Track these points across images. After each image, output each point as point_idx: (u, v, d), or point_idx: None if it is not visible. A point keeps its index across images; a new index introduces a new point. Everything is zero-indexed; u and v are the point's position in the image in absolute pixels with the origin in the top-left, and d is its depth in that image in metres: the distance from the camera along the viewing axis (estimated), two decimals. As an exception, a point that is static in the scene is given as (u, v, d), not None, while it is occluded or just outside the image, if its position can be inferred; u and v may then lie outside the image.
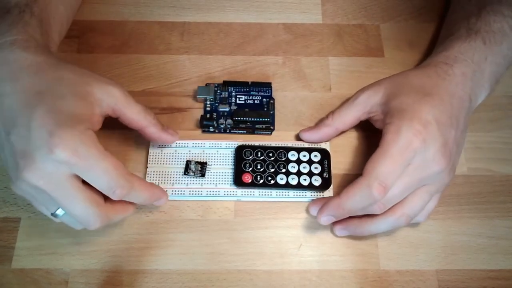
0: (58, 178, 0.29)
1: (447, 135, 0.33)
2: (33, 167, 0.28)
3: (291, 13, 0.46)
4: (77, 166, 0.29)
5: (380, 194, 0.31)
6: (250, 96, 0.41)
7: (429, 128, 0.32)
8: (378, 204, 0.32)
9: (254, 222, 0.37)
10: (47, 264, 0.35)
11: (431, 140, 0.32)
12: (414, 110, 0.33)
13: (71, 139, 0.28)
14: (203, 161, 0.38)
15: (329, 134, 0.38)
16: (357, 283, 0.35)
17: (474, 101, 0.37)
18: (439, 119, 0.33)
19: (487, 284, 0.35)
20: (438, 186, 0.34)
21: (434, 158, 0.32)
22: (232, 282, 0.35)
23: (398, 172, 0.31)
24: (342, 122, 0.38)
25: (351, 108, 0.37)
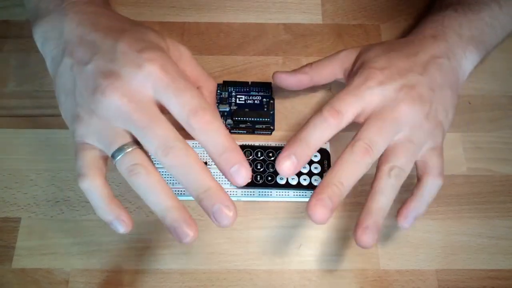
0: (142, 97, 0.27)
1: (412, 79, 0.32)
2: (118, 84, 0.27)
3: (291, 13, 0.46)
4: (164, 82, 0.27)
5: (331, 115, 0.30)
6: (250, 96, 0.41)
7: (385, 71, 0.32)
8: (361, 144, 0.29)
9: (254, 222, 0.37)
10: (47, 264, 0.35)
11: (389, 80, 0.32)
12: (376, 59, 0.33)
13: (159, 56, 0.28)
14: (203, 161, 0.38)
15: (302, 82, 0.38)
16: (357, 283, 0.35)
17: (455, 61, 0.35)
18: (401, 66, 0.33)
19: (487, 284, 0.35)
20: (418, 134, 0.31)
21: (397, 97, 0.31)
22: (232, 282, 0.35)
23: (352, 102, 0.31)
24: (318, 74, 0.38)
25: (330, 62, 0.38)
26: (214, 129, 0.27)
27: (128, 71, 0.27)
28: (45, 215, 0.37)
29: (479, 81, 0.43)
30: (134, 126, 0.27)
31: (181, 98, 0.27)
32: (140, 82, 0.27)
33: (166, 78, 0.27)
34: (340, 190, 0.29)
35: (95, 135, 0.28)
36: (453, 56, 0.35)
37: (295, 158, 0.29)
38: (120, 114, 0.27)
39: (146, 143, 0.27)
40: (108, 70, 0.28)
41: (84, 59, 0.29)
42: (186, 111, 0.27)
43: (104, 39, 0.29)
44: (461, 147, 0.40)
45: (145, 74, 0.27)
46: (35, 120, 0.40)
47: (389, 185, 0.30)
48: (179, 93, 0.27)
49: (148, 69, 0.27)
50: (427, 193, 0.32)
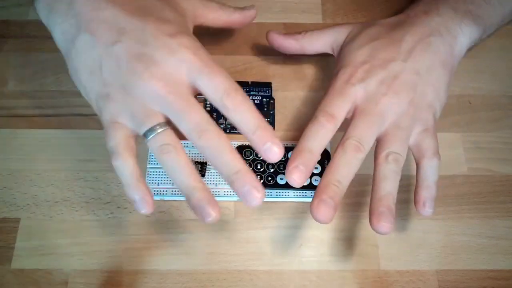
0: (177, 81, 0.29)
1: (395, 69, 0.33)
2: (155, 68, 0.28)
3: (291, 13, 0.46)
4: (198, 66, 0.29)
5: (326, 119, 0.31)
6: (250, 96, 0.41)
7: (365, 66, 0.33)
8: (351, 142, 0.30)
9: (254, 222, 0.37)
10: (47, 265, 0.35)
11: (371, 74, 0.32)
12: (356, 55, 0.34)
13: (190, 42, 0.29)
14: (203, 161, 0.38)
15: (293, 47, 0.39)
16: (357, 283, 0.35)
17: (450, 36, 0.35)
18: (380, 57, 0.33)
19: (487, 284, 0.35)
20: (405, 120, 0.32)
21: (380, 90, 0.32)
22: (232, 282, 0.35)
23: (340, 102, 0.32)
24: (309, 44, 0.38)
25: (322, 35, 0.38)
26: (246, 108, 0.28)
27: (163, 56, 0.28)
28: (45, 215, 0.37)
29: (479, 81, 0.43)
30: (170, 109, 0.28)
31: (215, 81, 0.29)
32: (175, 67, 0.29)
33: (199, 63, 0.29)
34: (339, 189, 0.30)
35: (127, 114, 0.29)
36: (446, 31, 0.35)
37: (302, 167, 0.30)
38: (157, 98, 0.28)
39: (181, 125, 0.28)
40: (141, 53, 0.28)
41: (109, 38, 0.29)
42: (220, 93, 0.28)
43: (127, 17, 0.29)
44: (461, 147, 0.40)
45: (180, 59, 0.29)
46: (34, 120, 0.40)
47: (389, 170, 0.31)
48: (212, 77, 0.29)
49: (182, 55, 0.29)
50: (429, 175, 0.32)
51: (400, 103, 0.32)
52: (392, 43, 0.34)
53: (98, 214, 0.37)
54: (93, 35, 0.29)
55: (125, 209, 0.37)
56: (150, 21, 0.30)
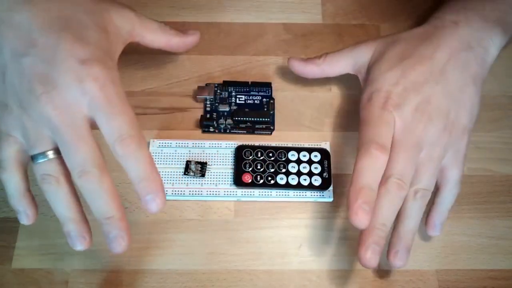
0: (75, 113, 0.27)
1: (428, 92, 0.32)
2: (54, 93, 0.26)
3: (291, 13, 0.46)
4: (100, 102, 0.27)
5: (379, 150, 0.30)
6: (250, 96, 0.41)
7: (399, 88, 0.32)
8: (394, 181, 0.30)
9: (254, 222, 0.37)
10: (47, 264, 0.35)
11: (405, 101, 0.32)
12: (386, 79, 0.33)
13: (101, 73, 0.27)
14: (203, 161, 0.38)
15: (314, 72, 0.39)
16: (357, 283, 0.35)
17: (480, 48, 0.34)
18: (413, 79, 0.32)
19: (487, 284, 0.35)
20: (438, 149, 0.32)
21: (414, 118, 0.32)
22: (232, 282, 0.35)
23: (385, 131, 0.31)
24: (331, 67, 0.38)
25: (343, 57, 0.38)
26: (136, 157, 0.27)
27: (67, 83, 0.26)
28: (45, 215, 0.36)
29: (479, 81, 0.42)
30: (60, 139, 0.27)
31: (112, 123, 0.27)
32: (76, 98, 0.27)
33: (103, 100, 0.27)
34: (384, 232, 0.30)
35: (21, 131, 0.28)
36: (477, 43, 0.34)
37: (366, 207, 0.29)
38: (50, 124, 0.27)
39: (66, 158, 0.27)
40: (46, 74, 0.27)
41: (18, 48, 0.27)
42: (114, 136, 0.27)
43: (42, 28, 0.27)
44: (461, 147, 0.40)
45: (83, 91, 0.27)
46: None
47: (415, 208, 0.32)
48: (112, 117, 0.27)
49: (88, 87, 0.27)
50: (447, 201, 0.34)
51: (435, 131, 0.32)
52: (422, 61, 0.33)
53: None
54: (1, 38, 0.27)
55: (125, 209, 0.37)
56: (65, 39, 0.27)
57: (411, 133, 0.31)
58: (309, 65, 0.38)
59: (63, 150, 0.27)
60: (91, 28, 0.29)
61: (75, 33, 0.28)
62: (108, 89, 0.27)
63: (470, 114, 0.34)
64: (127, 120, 0.27)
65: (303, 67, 0.39)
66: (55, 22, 0.28)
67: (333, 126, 0.41)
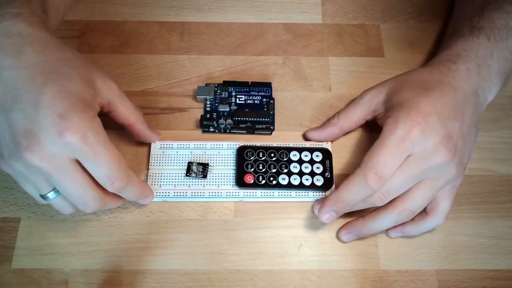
0: (61, 160, 0.28)
1: (450, 128, 0.32)
2: (37, 148, 0.28)
3: (291, 13, 0.46)
4: (83, 152, 0.28)
5: (376, 183, 0.31)
6: (250, 96, 0.41)
7: (429, 119, 0.32)
8: (379, 194, 0.32)
9: (254, 222, 0.37)
10: (47, 264, 0.35)
11: (431, 131, 0.32)
12: (413, 103, 0.33)
13: (81, 124, 0.28)
14: (205, 162, 0.38)
15: (334, 133, 0.39)
16: (357, 283, 0.35)
17: (483, 96, 0.36)
18: (440, 111, 0.32)
19: (487, 284, 0.35)
20: (443, 181, 0.33)
21: (436, 150, 0.32)
22: (232, 282, 0.35)
23: (395, 162, 0.31)
24: (348, 121, 0.38)
25: (356, 108, 0.38)
26: (128, 189, 0.32)
27: (49, 136, 0.28)
28: (45, 215, 0.37)
29: (479, 81, 0.43)
30: (56, 183, 0.30)
31: (100, 170, 0.30)
32: (59, 150, 0.28)
33: (86, 151, 0.28)
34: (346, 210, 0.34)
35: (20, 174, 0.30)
36: (482, 91, 0.36)
37: (335, 214, 0.34)
38: (38, 173, 0.29)
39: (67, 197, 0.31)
40: (28, 129, 0.28)
41: (5, 104, 0.29)
42: (104, 180, 0.30)
43: (26, 85, 0.28)
44: (461, 147, 0.40)
45: (65, 144, 0.28)
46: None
47: (392, 220, 0.34)
48: (98, 165, 0.29)
49: (68, 139, 0.28)
50: (426, 227, 0.35)
51: (447, 166, 0.32)
52: (446, 97, 0.34)
53: (98, 214, 0.37)
54: None
55: (125, 209, 0.37)
56: (46, 94, 0.28)
57: (426, 160, 0.32)
58: (327, 129, 0.39)
59: (61, 191, 0.30)
60: (75, 80, 0.30)
61: (56, 86, 0.29)
62: (89, 139, 0.28)
63: (470, 154, 0.35)
64: (112, 165, 0.30)
65: (322, 134, 0.39)
66: (39, 77, 0.29)
67: (333, 126, 0.40)
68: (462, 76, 0.35)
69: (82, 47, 0.43)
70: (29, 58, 0.29)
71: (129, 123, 0.35)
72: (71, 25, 0.44)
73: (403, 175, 0.32)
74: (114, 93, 0.33)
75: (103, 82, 0.32)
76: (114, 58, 0.43)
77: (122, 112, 0.34)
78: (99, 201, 0.31)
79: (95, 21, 0.44)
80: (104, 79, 0.32)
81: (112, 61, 0.43)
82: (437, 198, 0.34)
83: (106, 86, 0.32)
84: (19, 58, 0.29)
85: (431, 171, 0.32)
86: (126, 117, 0.35)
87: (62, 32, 0.43)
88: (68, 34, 0.43)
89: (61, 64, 0.30)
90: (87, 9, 0.45)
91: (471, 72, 0.35)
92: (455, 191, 0.35)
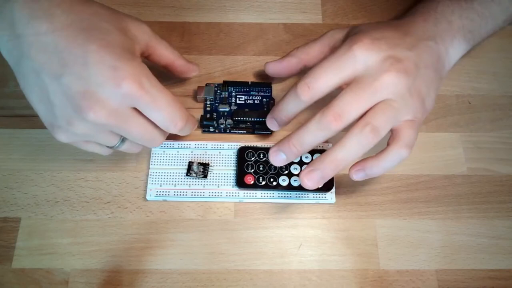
0: (124, 111, 0.29)
1: (399, 52, 0.32)
2: (100, 106, 0.28)
3: (291, 13, 0.46)
4: (143, 99, 0.29)
5: (303, 91, 0.31)
6: (250, 96, 0.41)
7: (376, 42, 0.32)
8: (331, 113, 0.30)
9: (254, 222, 0.37)
10: (47, 264, 0.35)
11: (377, 50, 0.31)
12: (366, 30, 0.33)
13: (135, 72, 0.28)
14: (206, 162, 0.38)
15: (292, 64, 0.38)
16: (357, 283, 0.35)
17: (443, 46, 0.35)
18: (390, 37, 0.32)
19: (487, 284, 0.35)
20: (401, 104, 0.31)
21: (382, 67, 0.31)
22: (232, 282, 0.35)
23: (330, 73, 0.31)
24: (307, 54, 0.38)
25: (316, 42, 0.38)
26: (188, 128, 0.33)
27: (107, 91, 0.28)
28: (45, 215, 0.37)
29: (479, 81, 0.43)
30: (123, 133, 0.31)
31: (162, 114, 0.30)
32: (120, 100, 0.29)
33: (145, 97, 0.29)
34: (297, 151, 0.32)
35: (84, 137, 0.31)
36: (441, 41, 0.35)
37: (275, 122, 0.35)
38: (104, 129, 0.30)
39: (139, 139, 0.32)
40: (84, 91, 0.28)
41: (52, 69, 0.28)
42: (167, 123, 0.31)
43: (68, 46, 0.28)
44: (461, 147, 0.40)
45: (125, 94, 0.28)
46: (35, 120, 0.40)
47: (356, 141, 0.30)
48: (159, 110, 0.30)
49: (127, 89, 0.28)
50: (389, 159, 0.32)
51: (400, 86, 0.31)
52: (397, 32, 0.34)
53: (98, 214, 0.37)
54: (35, 62, 0.28)
55: (125, 209, 0.37)
56: (92, 51, 0.28)
57: (373, 79, 0.31)
58: (286, 58, 0.39)
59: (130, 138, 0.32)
60: (113, 32, 0.30)
61: (99, 41, 0.29)
62: (146, 85, 0.29)
63: (428, 93, 0.33)
64: (172, 107, 0.31)
65: (280, 65, 0.39)
66: (79, 36, 0.28)
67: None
68: (419, 25, 0.35)
69: (82, 47, 0.43)
70: (62, 20, 0.29)
71: (170, 61, 0.36)
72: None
73: (353, 92, 0.30)
74: (150, 36, 0.34)
75: (137, 27, 0.32)
76: (114, 58, 0.43)
77: (161, 52, 0.35)
78: (163, 134, 0.33)
79: (95, 21, 0.44)
80: (136, 25, 0.33)
81: (112, 61, 0.43)
82: (398, 127, 0.32)
83: (140, 31, 0.33)
84: (52, 21, 0.28)
85: (384, 90, 0.31)
86: (166, 56, 0.35)
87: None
88: (68, 34, 0.43)
89: (94, 19, 0.30)
90: (87, 9, 0.45)
91: (427, 22, 0.35)
92: (417, 124, 0.32)
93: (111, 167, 0.38)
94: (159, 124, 0.31)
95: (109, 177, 0.38)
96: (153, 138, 0.32)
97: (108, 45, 0.29)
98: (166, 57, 0.36)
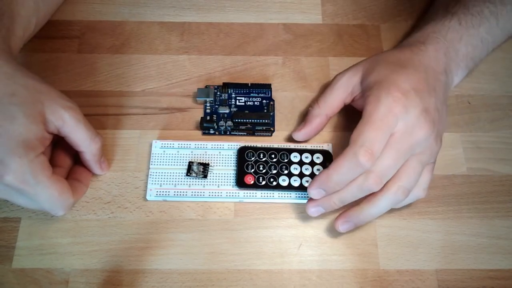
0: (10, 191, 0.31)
1: (427, 102, 0.33)
2: None
3: (291, 13, 0.46)
4: (25, 192, 0.31)
5: (367, 160, 0.31)
6: (250, 98, 0.41)
7: (408, 95, 0.33)
8: (374, 178, 0.32)
9: (254, 222, 0.37)
10: (47, 264, 0.35)
11: (412, 106, 0.33)
12: (391, 79, 0.34)
13: (19, 169, 0.30)
14: (206, 162, 0.38)
15: (321, 123, 0.38)
16: (357, 282, 0.35)
17: (450, 77, 0.37)
18: (416, 87, 0.33)
19: (486, 284, 0.35)
20: (428, 155, 0.33)
21: (418, 123, 0.32)
22: (232, 282, 0.35)
23: (382, 138, 0.32)
24: (330, 108, 0.38)
25: (334, 92, 0.38)
26: None
27: None
28: (45, 215, 0.37)
29: (479, 81, 0.43)
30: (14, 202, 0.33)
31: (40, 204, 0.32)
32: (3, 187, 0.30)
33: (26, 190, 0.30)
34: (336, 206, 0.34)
35: None
36: (449, 72, 0.37)
37: (324, 192, 0.33)
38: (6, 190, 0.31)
39: None
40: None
41: None
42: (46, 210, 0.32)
43: None
44: (461, 147, 0.40)
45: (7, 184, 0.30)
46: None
47: (388, 201, 0.33)
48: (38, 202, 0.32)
49: (8, 182, 0.30)
50: (408, 200, 0.34)
51: (430, 138, 0.33)
52: (418, 73, 0.34)
53: (98, 214, 0.37)
54: None
55: (125, 209, 0.37)
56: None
57: (410, 135, 0.32)
58: (313, 122, 0.38)
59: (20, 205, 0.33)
60: (17, 119, 0.30)
61: None
62: (30, 182, 0.30)
63: (444, 129, 0.36)
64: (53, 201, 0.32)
65: (311, 129, 0.38)
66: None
67: (335, 128, 0.41)
68: (431, 55, 0.36)
69: (83, 47, 0.43)
70: None
71: (79, 150, 0.35)
72: (71, 26, 0.44)
73: (393, 153, 0.32)
74: (64, 123, 0.32)
75: (53, 113, 0.32)
76: (114, 58, 0.43)
77: (72, 140, 0.34)
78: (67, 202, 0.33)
79: (96, 21, 0.44)
80: (55, 110, 0.32)
81: (112, 61, 0.43)
82: None
83: (55, 117, 0.32)
84: None
85: (417, 146, 0.33)
86: (76, 146, 0.34)
87: (63, 33, 0.44)
88: (68, 34, 0.43)
89: (5, 101, 0.30)
90: (87, 10, 0.45)
91: (438, 52, 0.36)
92: (434, 164, 0.35)
93: (111, 167, 0.38)
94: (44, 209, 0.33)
95: (109, 177, 0.38)
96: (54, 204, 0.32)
97: (5, 136, 0.30)
98: (76, 146, 0.34)
